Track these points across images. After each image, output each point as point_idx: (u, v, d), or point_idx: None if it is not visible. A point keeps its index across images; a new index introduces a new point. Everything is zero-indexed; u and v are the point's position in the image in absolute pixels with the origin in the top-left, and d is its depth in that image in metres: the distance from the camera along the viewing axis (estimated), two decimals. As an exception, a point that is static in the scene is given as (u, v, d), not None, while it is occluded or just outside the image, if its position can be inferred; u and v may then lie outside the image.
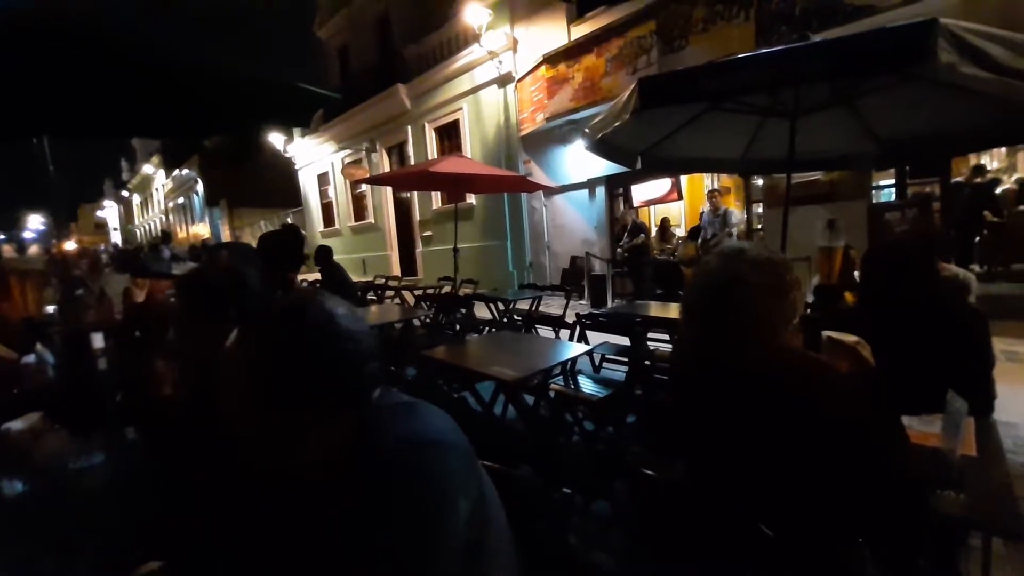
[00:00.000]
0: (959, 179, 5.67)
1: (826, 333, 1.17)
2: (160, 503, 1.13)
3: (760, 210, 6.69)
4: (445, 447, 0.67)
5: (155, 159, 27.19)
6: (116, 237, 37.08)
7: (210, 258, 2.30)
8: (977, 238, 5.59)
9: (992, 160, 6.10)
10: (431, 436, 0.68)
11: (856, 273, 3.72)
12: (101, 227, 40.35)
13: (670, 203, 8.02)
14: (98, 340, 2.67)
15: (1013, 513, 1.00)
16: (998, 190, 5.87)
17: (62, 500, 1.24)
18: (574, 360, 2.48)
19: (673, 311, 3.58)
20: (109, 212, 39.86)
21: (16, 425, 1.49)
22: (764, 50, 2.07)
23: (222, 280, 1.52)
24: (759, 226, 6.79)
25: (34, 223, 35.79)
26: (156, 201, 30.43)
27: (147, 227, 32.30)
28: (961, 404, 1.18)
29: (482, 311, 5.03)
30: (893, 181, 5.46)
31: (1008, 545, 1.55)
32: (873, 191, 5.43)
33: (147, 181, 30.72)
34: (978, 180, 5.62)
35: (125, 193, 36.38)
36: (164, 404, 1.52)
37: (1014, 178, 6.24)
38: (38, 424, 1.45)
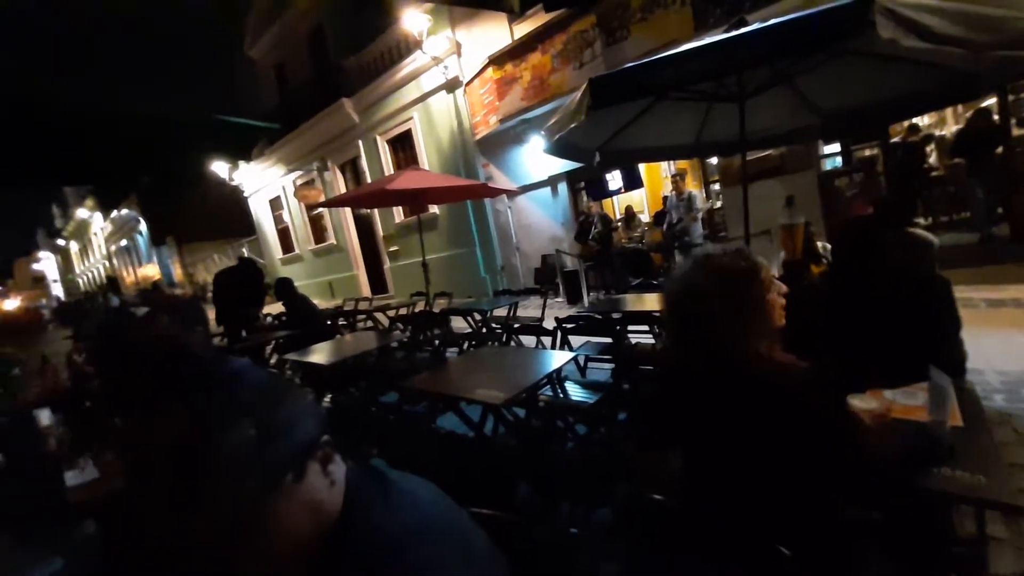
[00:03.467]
0: (896, 139, 5.97)
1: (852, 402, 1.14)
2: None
3: (717, 188, 6.87)
4: (430, 537, 0.60)
5: (89, 202, 25.53)
6: (57, 289, 34.69)
7: (137, 327, 2.12)
8: (916, 194, 5.91)
9: (923, 118, 6.45)
10: (414, 526, 0.60)
11: (820, 245, 3.85)
12: (40, 280, 37.66)
13: (631, 192, 8.11)
14: (45, 417, 2.43)
15: (1005, 486, 1.02)
16: (930, 147, 6.22)
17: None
18: (559, 369, 2.44)
19: (648, 302, 3.60)
20: (46, 263, 37.26)
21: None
22: (707, 40, 2.07)
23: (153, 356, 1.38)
24: (719, 204, 6.98)
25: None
26: (96, 246, 28.65)
27: (90, 275, 30.36)
28: (945, 377, 1.20)
29: (460, 323, 4.94)
30: (838, 149, 5.70)
31: (1009, 526, 1.58)
32: (821, 160, 5.64)
33: (84, 226, 28.85)
34: (912, 139, 5.94)
35: (61, 241, 34.08)
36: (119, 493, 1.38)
37: (948, 130, 6.62)
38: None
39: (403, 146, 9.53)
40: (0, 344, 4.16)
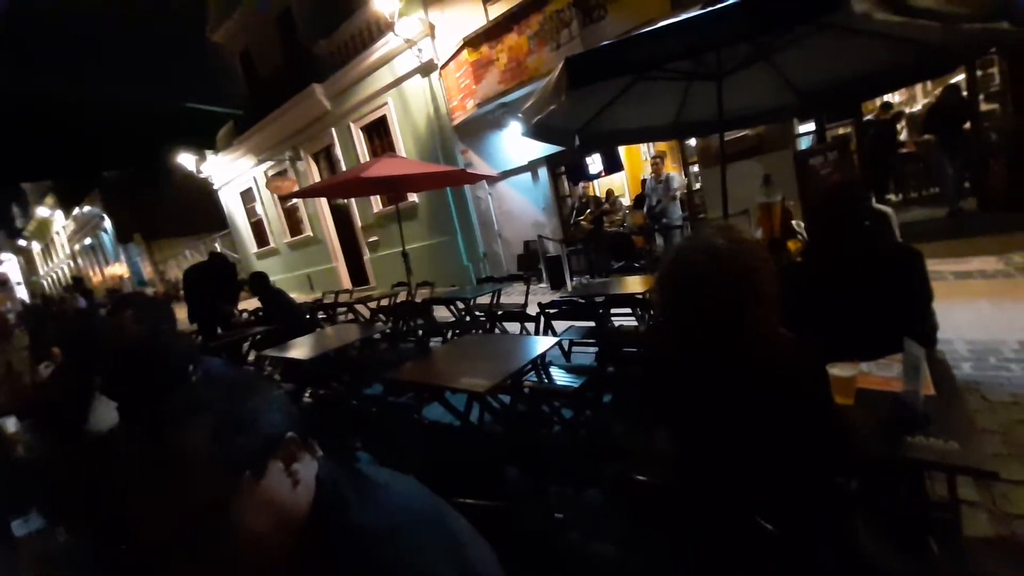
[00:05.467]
0: (869, 117, 6.07)
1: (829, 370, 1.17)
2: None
3: (696, 169, 6.90)
4: (410, 534, 0.59)
5: (49, 200, 24.35)
6: (22, 292, 33.21)
7: (112, 325, 2.04)
8: (889, 171, 6.05)
9: (894, 95, 6.57)
10: (393, 524, 0.59)
11: (795, 223, 3.92)
12: (3, 284, 35.99)
13: (612, 176, 8.10)
14: (11, 425, 2.32)
15: (978, 451, 1.04)
16: (901, 123, 6.35)
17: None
18: (543, 354, 2.43)
19: (631, 284, 3.61)
20: (8, 266, 35.56)
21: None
22: (684, 16, 2.04)
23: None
24: (698, 186, 7.02)
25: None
26: (60, 246, 27.46)
27: (55, 276, 29.14)
28: (918, 348, 1.22)
29: (443, 312, 4.89)
30: (813, 128, 5.77)
31: (980, 491, 1.64)
32: (796, 139, 5.71)
33: (45, 225, 27.58)
34: (884, 117, 6.05)
35: (23, 242, 32.53)
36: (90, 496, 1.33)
37: (918, 107, 6.76)
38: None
39: (378, 133, 9.29)
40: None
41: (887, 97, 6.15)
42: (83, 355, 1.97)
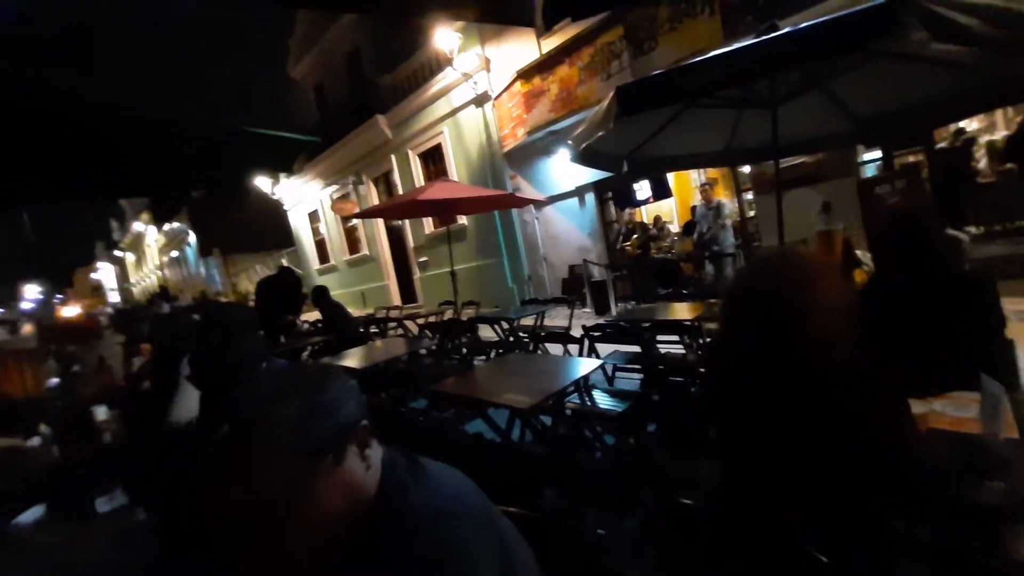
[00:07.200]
0: (943, 144, 5.68)
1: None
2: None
3: (750, 197, 6.70)
4: (461, 518, 0.62)
5: (145, 216, 27.34)
6: (114, 297, 37.08)
7: (203, 325, 2.25)
8: (963, 201, 5.55)
9: (971, 121, 6.11)
10: (445, 508, 0.63)
11: (859, 253, 3.71)
12: (97, 289, 40.38)
13: (660, 202, 8.02)
14: (102, 413, 2.62)
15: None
16: (979, 151, 5.85)
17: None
18: (586, 376, 2.43)
19: (679, 311, 3.54)
20: (104, 273, 39.95)
21: (22, 519, 1.44)
22: (735, 45, 2.07)
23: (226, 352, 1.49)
24: (752, 213, 6.80)
25: (31, 292, 35.79)
26: (150, 257, 30.55)
27: (144, 284, 32.33)
28: (998, 386, 1.14)
29: (487, 332, 4.98)
30: (879, 155, 5.47)
31: None
32: (860, 166, 5.43)
33: (139, 238, 30.86)
34: (956, 144, 5.63)
35: (119, 253, 36.51)
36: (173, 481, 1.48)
37: (998, 134, 6.24)
38: (43, 517, 1.39)
39: (433, 159, 9.80)
40: (61, 346, 4.49)
41: (963, 123, 5.73)
42: (170, 352, 2.19)
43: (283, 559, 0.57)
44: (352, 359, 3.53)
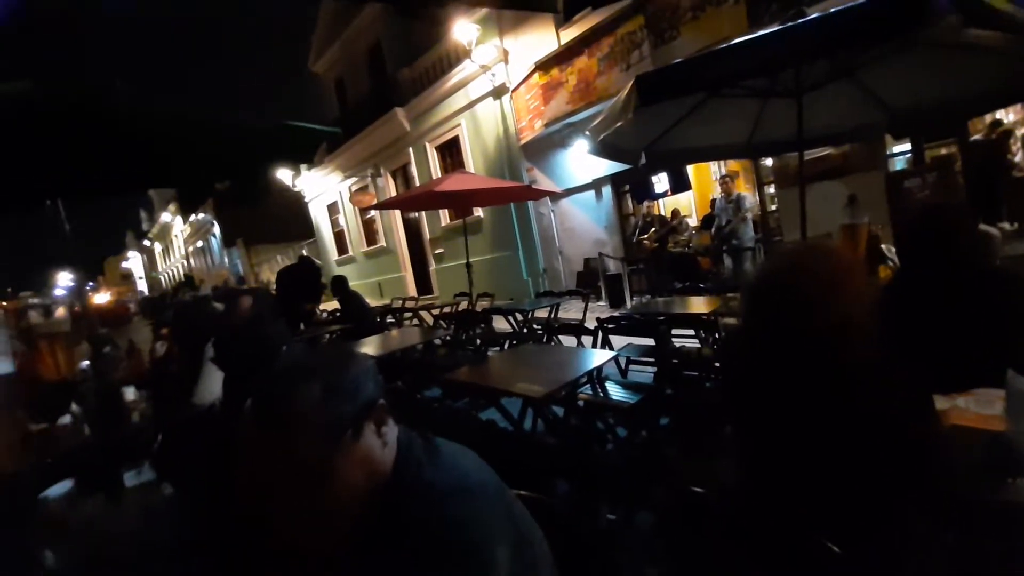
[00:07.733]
0: (977, 137, 5.44)
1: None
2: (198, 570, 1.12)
3: (772, 191, 6.55)
4: (474, 493, 0.64)
5: (172, 207, 28.16)
6: (142, 285, 38.39)
7: (229, 310, 2.32)
8: (998, 196, 5.31)
9: (1008, 113, 5.82)
10: (458, 483, 0.65)
11: (884, 247, 3.60)
12: (127, 277, 41.87)
13: (679, 195, 7.89)
14: (130, 393, 2.73)
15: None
16: (1013, 144, 5.56)
17: (99, 570, 1.24)
18: (600, 368, 2.43)
19: (696, 305, 3.50)
20: (133, 262, 41.38)
21: (52, 493, 1.51)
22: (760, 32, 2.01)
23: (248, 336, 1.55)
24: (773, 207, 6.64)
25: (64, 280, 37.29)
26: (176, 247, 31.48)
27: (170, 273, 33.38)
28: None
29: (501, 323, 5.01)
30: (908, 147, 5.27)
31: None
32: (889, 159, 5.25)
33: (166, 229, 31.81)
34: (992, 136, 5.37)
35: (147, 242, 37.73)
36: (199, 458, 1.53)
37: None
38: (72, 491, 1.46)
39: (451, 152, 9.82)
40: (94, 329, 4.68)
41: (999, 114, 5.47)
42: (194, 336, 2.27)
43: (307, 530, 0.60)
44: (369, 347, 3.60)
